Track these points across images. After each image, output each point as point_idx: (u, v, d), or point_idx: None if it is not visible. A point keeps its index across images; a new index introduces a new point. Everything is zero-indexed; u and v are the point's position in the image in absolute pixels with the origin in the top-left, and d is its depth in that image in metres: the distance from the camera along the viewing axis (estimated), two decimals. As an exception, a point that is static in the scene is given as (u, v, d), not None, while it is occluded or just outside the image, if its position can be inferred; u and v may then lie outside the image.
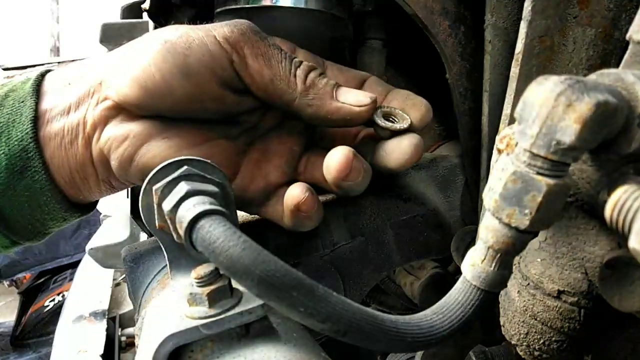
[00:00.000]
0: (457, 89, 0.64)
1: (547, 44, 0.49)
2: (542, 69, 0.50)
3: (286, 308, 0.33)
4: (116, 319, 0.72)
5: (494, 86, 0.56)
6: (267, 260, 0.34)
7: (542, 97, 0.30)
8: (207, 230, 0.35)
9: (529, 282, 0.44)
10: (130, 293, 0.58)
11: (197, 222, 0.36)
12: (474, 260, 0.36)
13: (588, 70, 0.50)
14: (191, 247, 0.37)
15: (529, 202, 0.31)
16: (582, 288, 0.40)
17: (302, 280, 0.34)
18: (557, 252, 0.41)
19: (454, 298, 0.37)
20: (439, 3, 0.61)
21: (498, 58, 0.55)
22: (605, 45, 0.50)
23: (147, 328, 0.45)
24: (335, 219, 0.62)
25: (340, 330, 0.33)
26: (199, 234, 0.36)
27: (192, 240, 0.36)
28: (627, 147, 0.32)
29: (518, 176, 0.31)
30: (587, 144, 0.30)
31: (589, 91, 0.29)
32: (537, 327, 0.44)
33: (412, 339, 0.35)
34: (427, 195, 0.71)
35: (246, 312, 0.40)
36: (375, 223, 0.66)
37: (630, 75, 0.33)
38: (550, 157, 0.30)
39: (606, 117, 0.29)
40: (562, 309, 0.42)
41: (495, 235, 0.34)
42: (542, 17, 0.47)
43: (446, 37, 0.62)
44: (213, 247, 0.35)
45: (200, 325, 0.39)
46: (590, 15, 0.48)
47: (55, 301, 2.47)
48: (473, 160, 0.67)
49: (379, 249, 0.66)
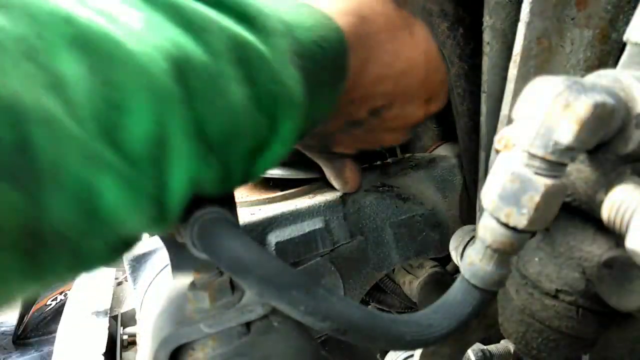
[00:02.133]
0: (455, 90, 0.64)
1: (545, 45, 0.49)
2: (540, 70, 0.50)
3: (286, 307, 0.33)
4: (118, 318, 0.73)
5: (492, 87, 0.57)
6: (267, 260, 0.34)
7: (540, 97, 0.31)
8: (208, 230, 0.36)
9: (527, 281, 0.44)
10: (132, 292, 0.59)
11: (198, 222, 0.36)
12: (472, 259, 0.36)
13: (585, 71, 0.51)
14: (192, 246, 0.37)
15: (527, 202, 0.31)
16: (579, 287, 0.41)
17: (302, 279, 0.34)
18: (555, 252, 0.42)
19: (452, 297, 0.38)
20: (438, 5, 0.61)
21: (496, 59, 0.55)
22: (603, 46, 0.50)
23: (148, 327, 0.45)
24: (335, 218, 0.62)
25: (340, 329, 0.33)
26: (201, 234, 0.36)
27: (193, 239, 0.37)
28: (624, 147, 0.33)
29: (516, 176, 0.32)
30: (585, 145, 0.30)
31: (586, 92, 0.29)
32: (535, 325, 0.44)
33: (411, 337, 0.36)
34: (426, 195, 0.71)
35: (247, 310, 0.40)
36: (374, 222, 0.66)
37: (627, 76, 0.33)
38: (548, 157, 0.31)
39: (603, 118, 0.30)
40: (559, 307, 0.42)
41: (494, 235, 0.34)
42: (540, 19, 0.47)
43: (445, 38, 0.62)
44: (214, 247, 0.35)
45: (202, 323, 0.39)
46: (587, 16, 0.48)
47: (57, 300, 2.47)
48: (471, 161, 0.68)
49: (378, 248, 0.66)
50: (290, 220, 0.59)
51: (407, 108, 0.53)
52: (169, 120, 0.29)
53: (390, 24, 0.49)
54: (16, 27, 0.24)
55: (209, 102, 0.32)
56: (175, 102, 0.29)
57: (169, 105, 0.29)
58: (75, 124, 0.25)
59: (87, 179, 0.25)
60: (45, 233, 0.25)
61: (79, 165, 0.25)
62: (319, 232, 0.60)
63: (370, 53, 0.47)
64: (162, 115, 0.28)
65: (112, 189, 0.26)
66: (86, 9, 0.27)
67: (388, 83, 0.50)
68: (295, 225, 0.59)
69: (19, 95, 0.23)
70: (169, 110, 0.29)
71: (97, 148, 0.26)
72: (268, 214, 0.58)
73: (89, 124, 0.26)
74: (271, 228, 0.58)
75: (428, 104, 0.55)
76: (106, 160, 0.26)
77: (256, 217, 0.58)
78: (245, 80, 0.34)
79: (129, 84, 0.27)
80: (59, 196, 0.25)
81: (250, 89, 0.35)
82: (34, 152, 0.23)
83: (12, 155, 0.23)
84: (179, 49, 0.30)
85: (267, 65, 0.36)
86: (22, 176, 0.23)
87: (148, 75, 0.28)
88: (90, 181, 0.25)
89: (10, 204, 0.23)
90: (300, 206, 0.60)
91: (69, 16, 0.26)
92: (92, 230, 0.27)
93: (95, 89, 0.26)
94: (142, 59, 0.28)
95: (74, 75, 0.25)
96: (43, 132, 0.23)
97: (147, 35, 0.29)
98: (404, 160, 0.78)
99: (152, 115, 0.28)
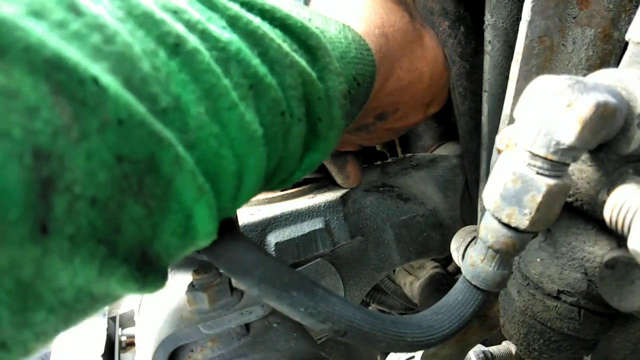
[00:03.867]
0: (456, 89, 0.64)
1: (547, 44, 0.49)
2: (542, 69, 0.50)
3: (286, 308, 0.33)
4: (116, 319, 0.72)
5: (494, 86, 0.56)
6: (267, 260, 0.34)
7: (541, 97, 0.30)
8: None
9: (528, 282, 0.44)
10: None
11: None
12: (473, 260, 0.36)
13: (587, 71, 0.50)
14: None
15: (529, 202, 0.31)
16: (581, 288, 0.40)
17: (302, 280, 0.34)
18: (557, 252, 0.41)
19: (453, 298, 0.37)
20: (439, 3, 0.61)
21: (498, 58, 0.55)
22: (605, 45, 0.50)
23: (147, 328, 0.45)
24: (335, 219, 0.62)
25: (340, 330, 0.33)
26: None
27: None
28: (626, 147, 0.32)
29: (518, 176, 0.31)
30: (587, 144, 0.30)
31: (588, 91, 0.29)
32: (536, 327, 0.44)
33: (411, 339, 0.35)
34: (427, 195, 0.71)
35: (246, 311, 0.40)
36: (375, 223, 0.66)
37: (629, 76, 0.33)
38: (549, 157, 0.30)
39: (606, 118, 0.29)
40: (561, 308, 0.42)
41: (495, 235, 0.34)
42: (541, 18, 0.47)
43: (446, 37, 0.62)
44: (213, 248, 0.35)
45: (201, 324, 0.39)
46: (589, 15, 0.48)
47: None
48: (473, 160, 0.68)
49: (378, 249, 0.66)
50: (290, 221, 0.59)
51: (410, 112, 0.55)
52: (247, 159, 0.31)
53: (407, 40, 0.49)
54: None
55: (280, 141, 0.34)
56: (258, 142, 0.31)
57: (254, 144, 0.31)
58: (189, 155, 0.27)
59: (191, 207, 0.27)
60: (153, 254, 0.27)
61: (191, 193, 0.27)
62: (319, 233, 0.60)
63: (390, 72, 0.48)
64: (245, 155, 0.31)
65: (203, 216, 0.28)
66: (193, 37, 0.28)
67: (397, 94, 0.51)
68: (295, 225, 0.59)
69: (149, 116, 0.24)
70: (252, 149, 0.31)
71: (201, 179, 0.28)
72: (267, 214, 0.58)
73: (194, 152, 0.28)
74: (271, 228, 0.58)
75: (429, 107, 0.57)
76: (205, 189, 0.28)
77: (255, 217, 0.58)
78: (304, 118, 0.36)
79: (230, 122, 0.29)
80: (173, 220, 0.27)
81: (305, 126, 0.36)
82: (159, 174, 0.25)
83: (143, 173, 0.24)
84: (259, 82, 0.31)
85: (323, 106, 0.37)
86: (148, 194, 0.25)
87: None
88: (193, 208, 0.27)
89: (134, 219, 0.24)
90: (300, 206, 0.60)
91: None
92: (182, 253, 0.29)
93: (204, 119, 0.28)
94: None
95: (188, 101, 0.27)
96: (168, 157, 0.25)
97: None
98: (405, 160, 0.78)
99: (236, 156, 0.30)
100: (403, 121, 0.55)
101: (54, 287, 0.22)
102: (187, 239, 0.28)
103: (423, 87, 0.52)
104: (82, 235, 0.22)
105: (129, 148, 0.23)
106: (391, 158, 0.81)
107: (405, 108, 0.54)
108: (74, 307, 0.23)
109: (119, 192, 0.23)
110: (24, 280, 0.20)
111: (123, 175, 0.23)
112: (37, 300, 0.21)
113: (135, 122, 0.23)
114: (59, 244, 0.21)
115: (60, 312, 0.23)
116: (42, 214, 0.20)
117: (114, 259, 0.24)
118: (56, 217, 0.20)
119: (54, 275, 0.21)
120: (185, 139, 0.27)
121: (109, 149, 0.22)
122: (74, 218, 0.21)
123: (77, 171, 0.21)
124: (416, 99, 0.53)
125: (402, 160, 0.79)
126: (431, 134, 0.85)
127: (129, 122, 0.23)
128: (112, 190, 0.23)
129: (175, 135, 0.26)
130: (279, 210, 0.59)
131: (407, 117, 0.55)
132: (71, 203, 0.21)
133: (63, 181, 0.21)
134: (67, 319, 0.24)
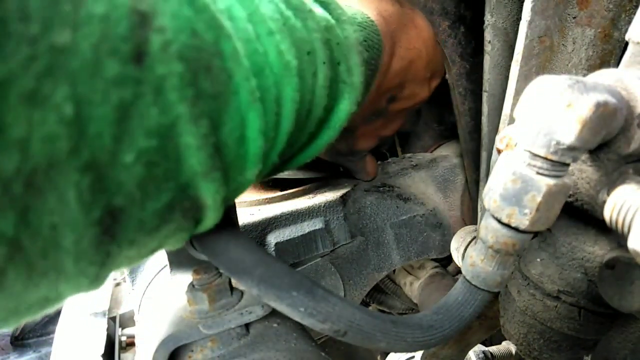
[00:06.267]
0: (456, 89, 0.64)
1: (547, 44, 0.49)
2: (542, 69, 0.50)
3: (286, 308, 0.33)
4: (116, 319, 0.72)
5: (494, 86, 0.56)
6: (267, 260, 0.34)
7: (541, 97, 0.30)
8: (207, 230, 0.35)
9: (528, 282, 0.44)
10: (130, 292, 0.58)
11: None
12: (473, 260, 0.36)
13: (587, 71, 0.50)
14: (191, 247, 0.37)
15: (529, 202, 0.31)
16: (581, 288, 0.40)
17: (302, 280, 0.34)
18: (557, 252, 0.41)
19: (453, 298, 0.37)
20: (439, 3, 0.61)
21: (498, 58, 0.55)
22: (605, 45, 0.50)
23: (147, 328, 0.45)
24: (335, 219, 0.62)
25: (340, 330, 0.33)
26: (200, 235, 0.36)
27: (192, 240, 0.36)
28: (626, 147, 0.32)
29: (518, 176, 0.31)
30: (587, 144, 0.30)
31: (588, 91, 0.29)
32: (536, 327, 0.44)
33: (412, 339, 0.35)
34: (427, 195, 0.71)
35: (246, 311, 0.40)
36: (375, 223, 0.66)
37: (629, 76, 0.33)
38: (549, 157, 0.30)
39: (606, 118, 0.29)
40: (561, 308, 0.42)
41: (495, 235, 0.34)
42: (541, 18, 0.47)
43: (446, 37, 0.62)
44: (213, 247, 0.35)
45: (201, 324, 0.39)
46: (589, 15, 0.48)
47: (55, 301, 2.47)
48: (473, 160, 0.68)
49: (378, 249, 0.66)
50: (290, 221, 0.59)
51: (416, 88, 0.59)
52: (284, 88, 0.33)
53: (402, 22, 0.54)
54: None
55: (309, 79, 0.35)
56: (292, 72, 0.33)
57: (289, 73, 0.33)
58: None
59: (245, 113, 0.30)
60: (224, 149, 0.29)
61: (246, 95, 0.29)
62: (319, 233, 0.60)
63: (393, 50, 0.52)
64: (282, 82, 0.33)
65: (254, 128, 0.30)
66: None
67: (403, 73, 0.55)
68: (295, 225, 0.59)
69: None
70: (287, 79, 0.33)
71: (253, 82, 0.30)
72: (267, 214, 0.58)
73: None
74: (271, 228, 0.58)
75: (431, 81, 0.61)
76: (256, 96, 0.30)
77: (255, 217, 0.58)
78: (329, 62, 0.38)
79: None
80: (233, 118, 0.29)
81: (328, 71, 0.38)
82: (223, 59, 0.28)
83: (212, 55, 0.27)
84: (287, 20, 0.34)
85: (342, 51, 0.39)
86: (215, 76, 0.27)
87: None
88: (247, 115, 0.30)
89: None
90: (300, 206, 0.60)
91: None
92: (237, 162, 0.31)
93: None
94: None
95: (238, 17, 0.31)
96: (228, 46, 0.28)
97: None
98: (405, 160, 0.78)
99: (275, 82, 0.32)
100: (412, 99, 0.60)
101: (145, 126, 0.24)
102: (240, 146, 0.30)
103: (423, 64, 0.57)
104: (173, 81, 0.25)
105: (199, 25, 0.26)
106: (391, 158, 0.81)
107: (411, 86, 0.58)
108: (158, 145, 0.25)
109: (196, 60, 0.26)
110: (125, 100, 0.23)
111: (197, 48, 0.26)
112: (130, 135, 0.24)
113: (202, 3, 0.27)
114: (152, 78, 0.24)
115: (143, 155, 0.25)
116: (141, 41, 0.23)
117: (196, 107, 0.26)
118: (151, 51, 0.24)
119: (145, 110, 0.24)
120: (237, 44, 0.29)
121: (187, 20, 0.26)
122: (165, 60, 0.24)
123: (166, 17, 0.25)
124: (419, 75, 0.58)
125: (402, 160, 0.79)
126: (431, 134, 0.85)
127: (198, 2, 0.27)
128: (193, 53, 0.26)
129: (232, 33, 0.29)
130: (279, 210, 0.59)
131: (415, 95, 0.60)
132: (164, 46, 0.24)
133: (157, 22, 0.24)
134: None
